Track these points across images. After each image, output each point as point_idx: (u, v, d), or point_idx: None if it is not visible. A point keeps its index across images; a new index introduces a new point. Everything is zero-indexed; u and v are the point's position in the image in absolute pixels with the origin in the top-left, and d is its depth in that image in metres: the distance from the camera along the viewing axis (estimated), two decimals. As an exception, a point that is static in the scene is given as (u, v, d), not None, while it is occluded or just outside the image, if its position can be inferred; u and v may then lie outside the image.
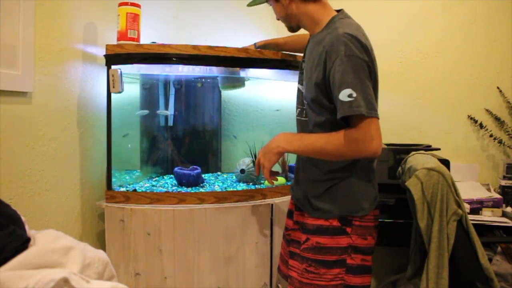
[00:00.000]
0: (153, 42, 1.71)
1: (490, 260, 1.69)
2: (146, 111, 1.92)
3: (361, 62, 1.13)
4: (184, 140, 2.03)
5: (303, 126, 1.33)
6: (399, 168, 1.67)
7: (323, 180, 1.27)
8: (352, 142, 1.14)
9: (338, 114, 1.14)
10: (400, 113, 2.25)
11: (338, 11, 1.30)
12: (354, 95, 1.11)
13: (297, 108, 1.38)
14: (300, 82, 1.37)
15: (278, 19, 1.42)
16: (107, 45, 1.62)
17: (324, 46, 1.18)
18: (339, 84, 1.12)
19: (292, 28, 1.38)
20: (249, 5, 1.52)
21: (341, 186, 1.25)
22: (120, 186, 1.74)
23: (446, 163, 1.59)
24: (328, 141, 1.17)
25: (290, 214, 1.46)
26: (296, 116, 1.38)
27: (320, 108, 1.23)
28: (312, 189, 1.29)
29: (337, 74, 1.12)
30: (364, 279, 1.26)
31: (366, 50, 1.16)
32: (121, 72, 1.59)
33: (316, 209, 1.27)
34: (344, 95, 1.11)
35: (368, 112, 1.11)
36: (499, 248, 1.75)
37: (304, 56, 1.37)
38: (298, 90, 1.38)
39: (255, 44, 1.77)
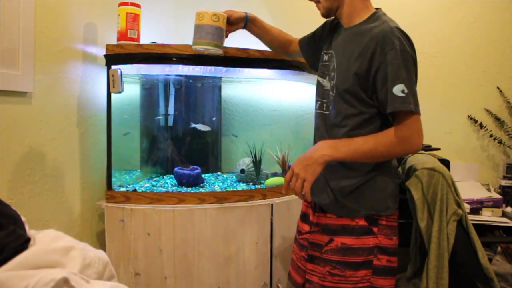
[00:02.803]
0: (153, 42, 1.71)
1: (490, 260, 1.69)
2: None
3: (411, 58, 1.15)
4: (184, 140, 2.03)
5: (325, 119, 1.29)
6: (399, 168, 1.67)
7: (351, 177, 1.23)
8: (403, 140, 1.13)
9: (389, 108, 1.13)
10: (400, 113, 2.25)
11: (377, 9, 1.28)
12: (406, 91, 1.11)
13: (316, 101, 1.34)
14: (322, 75, 1.33)
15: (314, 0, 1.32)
16: (107, 45, 1.62)
17: (372, 38, 1.15)
18: (394, 78, 1.11)
19: (330, 11, 1.29)
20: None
21: (369, 185, 1.22)
22: (120, 186, 1.74)
23: (446, 163, 1.59)
24: (377, 142, 1.14)
25: (305, 218, 1.40)
26: (316, 110, 1.34)
27: (354, 100, 1.19)
28: (339, 188, 1.24)
29: (392, 67, 1.11)
30: (389, 280, 1.23)
31: (413, 47, 1.17)
32: (121, 72, 1.59)
33: (342, 207, 1.23)
34: (398, 90, 1.11)
35: (416, 109, 1.13)
36: (499, 248, 1.75)
37: (328, 48, 1.32)
38: (319, 83, 1.34)
39: (246, 13, 1.57)
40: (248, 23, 1.52)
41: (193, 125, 1.93)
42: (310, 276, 1.29)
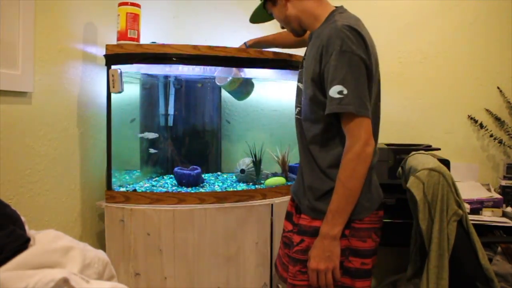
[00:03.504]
0: (153, 42, 1.71)
1: (490, 260, 1.69)
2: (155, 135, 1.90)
3: (357, 59, 1.11)
4: (184, 140, 2.03)
5: (299, 125, 1.31)
6: (399, 168, 1.67)
7: (324, 181, 1.23)
8: (354, 156, 1.11)
9: (326, 110, 1.13)
10: (400, 113, 2.25)
11: (337, 7, 1.28)
12: (345, 92, 1.09)
13: (296, 107, 1.36)
14: (300, 80, 1.34)
15: (282, 28, 1.41)
16: (107, 45, 1.62)
17: (321, 40, 1.15)
18: (331, 79, 1.11)
19: (297, 32, 1.35)
20: (253, 21, 1.55)
21: None
22: (120, 186, 1.74)
23: (446, 163, 1.59)
24: (343, 183, 1.13)
25: (289, 217, 1.42)
26: (295, 115, 1.36)
27: (316, 105, 1.20)
28: (312, 191, 1.25)
29: (331, 69, 1.11)
30: (363, 282, 1.22)
31: (364, 44, 1.13)
32: (121, 72, 1.59)
33: (313, 210, 1.24)
34: (334, 91, 1.10)
35: (358, 111, 1.09)
36: (499, 248, 1.75)
37: (305, 54, 1.35)
38: (298, 88, 1.36)
39: (245, 43, 1.75)
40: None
41: (140, 135, 1.91)
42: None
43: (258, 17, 1.50)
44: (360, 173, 1.13)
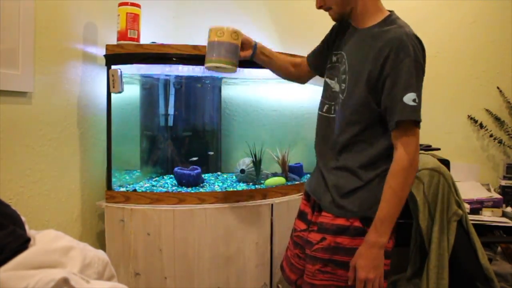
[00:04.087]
0: (153, 42, 1.71)
1: (490, 260, 1.69)
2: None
3: (422, 70, 1.15)
4: (184, 140, 2.03)
5: (330, 123, 1.27)
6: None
7: (351, 179, 1.22)
8: (408, 165, 1.12)
9: (397, 116, 1.11)
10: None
11: (391, 12, 1.25)
12: (417, 100, 1.11)
13: (324, 104, 1.32)
14: (331, 76, 1.30)
15: (320, 7, 1.27)
16: (107, 45, 1.62)
17: (387, 42, 1.13)
18: (406, 85, 1.10)
19: (343, 15, 1.26)
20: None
21: (367, 188, 1.20)
22: (120, 186, 1.74)
23: (446, 163, 1.59)
24: (395, 191, 1.13)
25: (303, 216, 1.38)
26: (323, 113, 1.31)
27: (363, 106, 1.18)
28: (338, 188, 1.23)
29: (404, 75, 1.10)
30: (385, 283, 1.21)
31: (425, 56, 1.18)
32: (121, 72, 1.59)
33: (339, 207, 1.22)
34: (410, 98, 1.10)
35: (419, 122, 1.14)
36: (499, 248, 1.75)
37: (337, 49, 1.30)
38: (327, 85, 1.31)
39: (255, 43, 1.55)
40: (256, 50, 1.42)
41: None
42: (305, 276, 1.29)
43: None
44: (410, 181, 1.14)
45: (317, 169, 1.34)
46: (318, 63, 1.42)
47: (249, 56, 1.41)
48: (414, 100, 1.10)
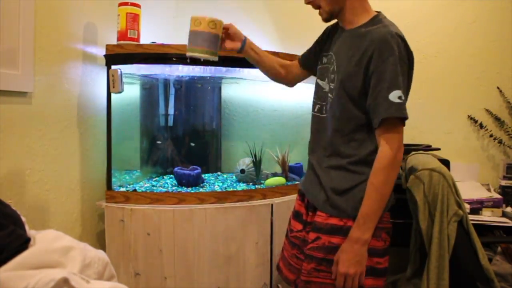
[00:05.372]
0: (153, 42, 1.71)
1: (490, 260, 1.69)
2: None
3: (407, 69, 1.15)
4: (184, 140, 2.03)
5: (321, 123, 1.29)
6: (399, 168, 1.67)
7: (345, 179, 1.22)
8: (389, 162, 1.12)
9: (383, 113, 1.11)
10: (400, 113, 2.25)
11: (379, 12, 1.26)
12: (403, 98, 1.11)
13: (315, 104, 1.33)
14: (321, 77, 1.32)
15: (309, 3, 1.29)
16: (107, 45, 1.62)
17: (372, 41, 1.14)
18: (391, 83, 1.11)
19: (332, 15, 1.27)
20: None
21: (361, 187, 1.19)
22: (120, 186, 1.74)
23: (446, 163, 1.59)
24: (377, 187, 1.14)
25: (298, 216, 1.39)
26: (315, 113, 1.33)
27: (351, 103, 1.19)
28: (332, 187, 1.23)
29: (389, 73, 1.11)
30: (376, 281, 1.21)
31: (412, 57, 1.17)
32: (121, 72, 1.59)
33: (333, 207, 1.22)
34: (395, 96, 1.10)
35: (405, 120, 1.13)
36: (499, 248, 1.75)
37: (327, 50, 1.31)
38: (318, 85, 1.33)
39: (245, 37, 1.46)
40: (245, 46, 1.42)
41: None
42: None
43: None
44: (393, 178, 1.15)
45: (311, 168, 1.35)
46: (310, 63, 1.44)
47: (237, 48, 1.41)
48: (399, 98, 1.11)
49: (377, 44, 1.13)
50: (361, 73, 1.16)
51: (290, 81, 1.53)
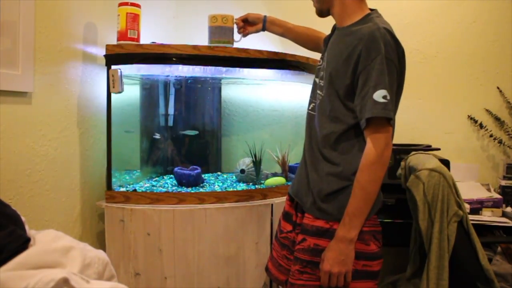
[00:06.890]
0: (153, 42, 1.71)
1: (490, 260, 1.69)
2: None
3: (395, 68, 1.13)
4: (184, 140, 2.03)
5: (312, 120, 1.29)
6: (399, 168, 1.67)
7: (331, 181, 1.21)
8: (376, 160, 1.11)
9: (367, 113, 1.10)
10: (400, 113, 2.23)
11: (373, 10, 1.26)
12: (388, 97, 1.10)
13: (310, 102, 1.34)
14: (316, 75, 1.32)
15: None
16: (107, 45, 1.62)
17: (360, 39, 1.13)
18: (377, 83, 1.10)
19: (322, 12, 1.31)
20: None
21: (347, 191, 1.18)
22: (120, 186, 1.74)
23: (446, 163, 1.59)
24: (362, 186, 1.12)
25: (288, 217, 1.39)
26: (309, 110, 1.34)
27: (338, 102, 1.19)
28: (318, 190, 1.23)
29: (375, 72, 1.10)
30: (366, 284, 1.20)
31: (402, 56, 1.16)
32: (121, 72, 1.59)
33: (319, 210, 1.22)
34: (379, 95, 1.09)
35: (392, 119, 1.13)
36: (499, 248, 1.75)
37: (325, 50, 1.32)
38: (315, 83, 1.33)
39: (265, 17, 1.68)
40: (266, 24, 1.64)
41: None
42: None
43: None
44: (379, 176, 1.13)
45: (303, 168, 1.33)
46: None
47: (260, 29, 1.67)
48: (384, 97, 1.09)
49: (365, 43, 1.12)
50: (350, 72, 1.15)
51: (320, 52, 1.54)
